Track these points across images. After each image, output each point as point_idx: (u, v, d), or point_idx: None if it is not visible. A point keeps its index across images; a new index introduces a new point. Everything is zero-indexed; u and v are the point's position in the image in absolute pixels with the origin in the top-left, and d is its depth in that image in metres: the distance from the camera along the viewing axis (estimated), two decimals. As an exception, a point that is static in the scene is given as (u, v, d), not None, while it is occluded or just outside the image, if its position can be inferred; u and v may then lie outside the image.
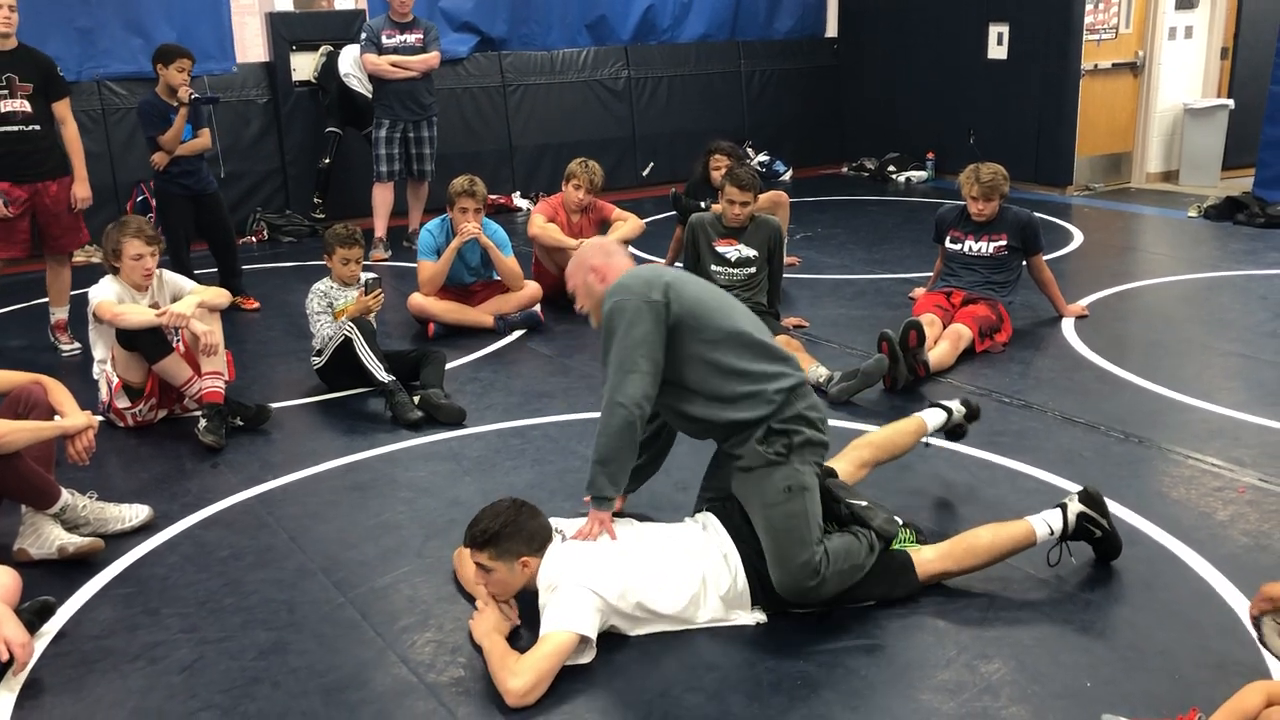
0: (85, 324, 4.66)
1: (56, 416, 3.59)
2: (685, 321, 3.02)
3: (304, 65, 8.54)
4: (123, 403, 4.55)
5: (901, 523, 3.20)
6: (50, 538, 3.47)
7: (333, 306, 5.02)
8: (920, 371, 4.85)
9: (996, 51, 9.64)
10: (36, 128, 5.49)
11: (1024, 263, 5.63)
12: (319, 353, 4.98)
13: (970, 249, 5.56)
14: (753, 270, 5.38)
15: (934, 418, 3.73)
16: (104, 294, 4.45)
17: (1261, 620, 2.57)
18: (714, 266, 5.37)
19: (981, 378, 4.96)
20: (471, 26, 9.24)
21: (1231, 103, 9.55)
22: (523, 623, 2.98)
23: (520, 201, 9.38)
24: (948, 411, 3.76)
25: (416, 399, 4.66)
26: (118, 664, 2.94)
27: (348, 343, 4.79)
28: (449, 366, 5.08)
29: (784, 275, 5.82)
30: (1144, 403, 4.62)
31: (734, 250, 5.38)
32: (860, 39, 10.85)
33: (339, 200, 8.59)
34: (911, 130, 10.43)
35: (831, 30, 11.09)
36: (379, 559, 3.48)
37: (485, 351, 5.58)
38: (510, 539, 2.88)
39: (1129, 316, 5.98)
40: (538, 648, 2.75)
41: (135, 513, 3.71)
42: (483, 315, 5.89)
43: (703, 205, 6.37)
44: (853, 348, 5.43)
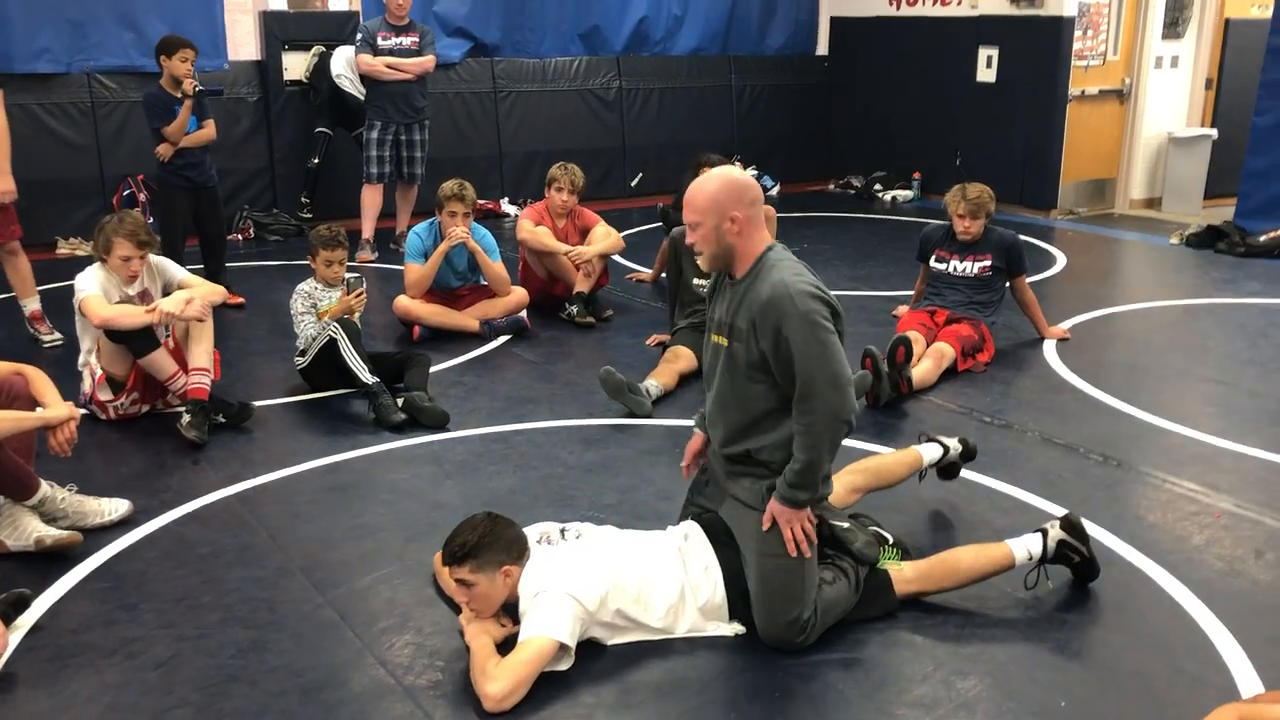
0: (63, 313, 4.59)
1: (38, 407, 3.57)
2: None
3: (295, 65, 8.53)
4: (105, 395, 4.52)
5: (892, 540, 3.21)
6: (27, 530, 3.45)
7: (316, 307, 5.01)
8: (904, 388, 4.88)
9: (986, 74, 9.72)
10: None
11: (1007, 284, 5.68)
12: (303, 352, 4.97)
13: (955, 269, 5.60)
14: None
15: (930, 452, 3.73)
16: (90, 288, 4.39)
17: None
18: (696, 280, 5.36)
19: (963, 397, 4.99)
20: (465, 32, 9.25)
21: (1215, 133, 9.66)
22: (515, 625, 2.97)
23: (508, 208, 9.39)
24: (945, 448, 3.77)
25: (400, 401, 4.65)
26: (94, 659, 2.93)
27: (332, 343, 4.77)
28: (433, 370, 5.07)
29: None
30: (1123, 426, 4.66)
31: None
32: (851, 58, 10.92)
33: (327, 201, 8.59)
34: (899, 149, 10.49)
35: (823, 48, 11.16)
36: (359, 560, 3.47)
37: (470, 356, 5.58)
38: (489, 549, 2.88)
39: (1110, 340, 6.03)
40: (517, 653, 2.75)
41: (114, 507, 3.69)
42: (468, 319, 5.89)
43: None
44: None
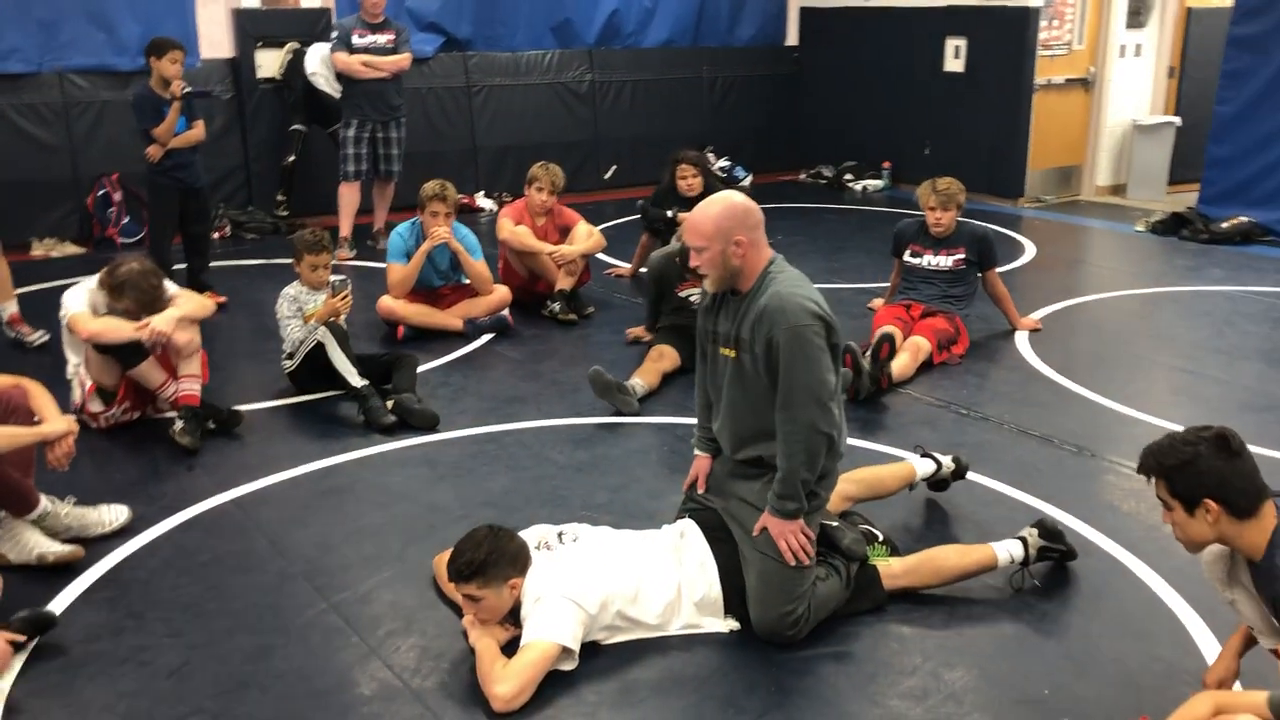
0: (39, 317, 4.57)
1: (37, 420, 3.60)
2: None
3: (269, 62, 8.51)
4: (96, 406, 4.54)
5: (881, 537, 3.33)
6: (29, 545, 3.48)
7: (302, 311, 5.03)
8: (884, 383, 5.00)
9: (953, 64, 9.85)
10: None
11: (979, 276, 5.80)
12: (290, 355, 5.00)
13: (930, 263, 5.71)
14: None
15: (924, 467, 3.85)
16: (77, 305, 4.41)
17: None
18: (681, 293, 5.43)
19: (940, 390, 5.12)
20: (437, 27, 9.26)
21: (1179, 120, 9.86)
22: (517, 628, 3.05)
23: (484, 202, 9.41)
24: (937, 464, 3.88)
25: (389, 403, 4.70)
26: (105, 668, 2.99)
27: (320, 346, 4.80)
28: (419, 370, 5.12)
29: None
30: (1095, 416, 4.81)
31: (699, 292, 5.47)
32: (820, 48, 11.01)
33: (303, 198, 8.58)
34: (868, 140, 10.60)
35: (792, 39, 11.25)
36: (359, 564, 3.54)
37: (455, 355, 5.63)
38: (495, 565, 2.94)
39: (1080, 330, 6.18)
40: (522, 655, 2.84)
41: (115, 514, 3.73)
42: (452, 318, 5.94)
43: (669, 214, 6.46)
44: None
